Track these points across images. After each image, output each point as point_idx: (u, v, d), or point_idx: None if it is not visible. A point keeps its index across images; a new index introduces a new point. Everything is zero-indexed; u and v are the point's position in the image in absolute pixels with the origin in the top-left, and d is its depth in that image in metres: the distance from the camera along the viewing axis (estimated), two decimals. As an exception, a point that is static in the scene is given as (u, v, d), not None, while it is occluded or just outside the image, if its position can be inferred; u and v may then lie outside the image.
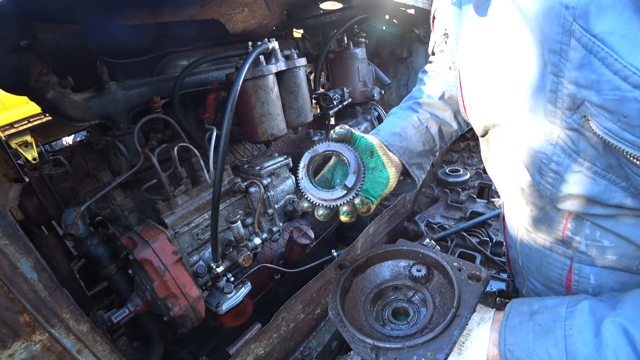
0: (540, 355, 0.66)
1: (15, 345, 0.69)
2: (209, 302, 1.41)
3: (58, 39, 1.26)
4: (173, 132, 1.50)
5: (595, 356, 0.60)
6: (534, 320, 0.71)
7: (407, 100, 1.21)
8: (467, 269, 0.88)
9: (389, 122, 1.10)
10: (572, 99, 0.57)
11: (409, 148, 1.03)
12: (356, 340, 0.77)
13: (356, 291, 0.98)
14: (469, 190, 2.74)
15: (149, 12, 1.45)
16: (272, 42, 1.43)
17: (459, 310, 0.77)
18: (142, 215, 1.47)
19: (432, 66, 1.25)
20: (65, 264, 1.44)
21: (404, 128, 1.06)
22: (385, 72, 2.69)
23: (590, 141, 0.60)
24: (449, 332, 0.73)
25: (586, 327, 0.63)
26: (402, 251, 1.00)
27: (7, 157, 1.51)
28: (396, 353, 0.72)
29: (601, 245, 0.75)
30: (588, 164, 0.63)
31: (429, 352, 0.70)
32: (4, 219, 0.68)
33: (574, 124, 0.60)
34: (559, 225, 0.80)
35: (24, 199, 1.32)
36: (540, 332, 0.68)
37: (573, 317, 0.66)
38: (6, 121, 3.61)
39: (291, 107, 1.62)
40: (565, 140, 0.63)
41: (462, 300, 0.79)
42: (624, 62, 0.48)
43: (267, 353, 1.35)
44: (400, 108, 1.18)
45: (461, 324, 0.75)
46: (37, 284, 0.71)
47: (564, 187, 0.68)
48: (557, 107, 0.61)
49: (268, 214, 1.61)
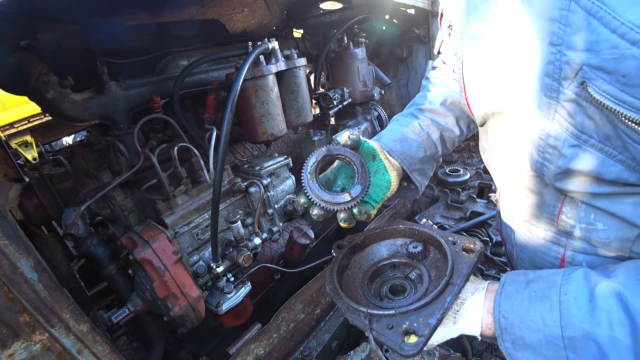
0: (534, 320, 0.67)
1: (15, 345, 0.69)
2: (209, 302, 1.41)
3: (58, 39, 1.26)
4: (173, 132, 1.51)
5: (589, 319, 0.61)
6: (530, 287, 0.72)
7: (409, 107, 1.22)
8: (461, 242, 0.89)
9: (390, 128, 1.12)
10: (570, 65, 0.58)
11: (409, 154, 1.06)
12: (351, 309, 0.79)
13: (354, 269, 0.99)
14: (469, 190, 2.74)
15: (149, 12, 1.45)
16: (272, 42, 1.43)
17: (452, 279, 0.79)
18: (142, 215, 1.47)
19: (435, 72, 1.26)
20: (65, 264, 1.44)
21: (405, 134, 1.08)
22: (385, 72, 2.69)
23: (587, 111, 0.61)
24: (441, 299, 0.75)
25: (581, 293, 0.64)
26: (398, 230, 1.02)
27: (7, 157, 1.51)
28: (389, 319, 0.74)
29: (595, 228, 0.76)
30: (585, 136, 0.63)
31: (420, 318, 0.72)
32: (4, 219, 0.68)
33: (571, 94, 0.61)
34: (554, 209, 0.82)
35: (24, 199, 1.32)
36: (535, 298, 0.69)
37: (568, 284, 0.67)
38: (6, 121, 3.61)
39: (291, 107, 1.62)
40: (562, 114, 0.64)
41: (455, 270, 0.81)
42: (622, 19, 0.49)
43: (267, 353, 1.35)
44: (402, 115, 1.19)
45: (453, 291, 0.76)
46: (37, 284, 0.71)
47: (561, 162, 0.69)
48: (554, 78, 0.62)
49: (268, 214, 1.61)
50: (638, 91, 0.51)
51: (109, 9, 1.26)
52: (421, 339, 0.69)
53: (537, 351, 0.67)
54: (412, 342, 0.69)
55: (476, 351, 1.64)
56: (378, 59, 2.97)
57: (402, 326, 0.72)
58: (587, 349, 0.61)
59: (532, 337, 0.67)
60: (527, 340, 0.67)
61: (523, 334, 0.68)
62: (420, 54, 2.78)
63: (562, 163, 0.69)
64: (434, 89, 1.19)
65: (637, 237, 0.71)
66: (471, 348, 1.63)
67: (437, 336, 0.76)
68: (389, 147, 1.03)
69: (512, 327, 0.69)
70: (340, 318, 1.62)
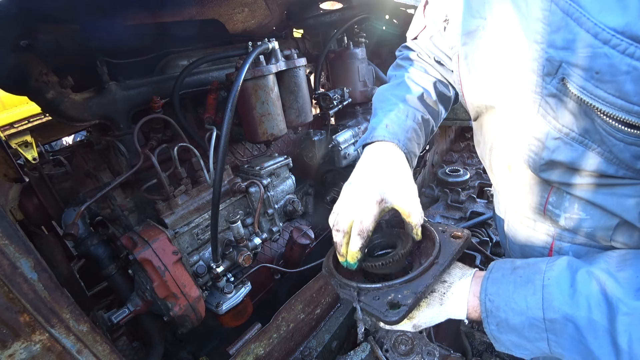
0: (518, 303, 0.70)
1: (15, 345, 0.69)
2: (209, 302, 1.41)
3: (58, 39, 1.26)
4: (173, 132, 1.50)
5: (569, 302, 0.64)
6: (516, 273, 0.75)
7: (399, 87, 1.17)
8: (450, 231, 0.93)
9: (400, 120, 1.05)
10: (551, 62, 0.62)
11: (415, 152, 1.06)
12: (342, 285, 0.85)
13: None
14: (469, 190, 2.74)
15: (149, 12, 1.45)
16: (272, 42, 1.43)
17: (437, 259, 0.84)
18: (142, 215, 1.47)
19: (413, 55, 1.27)
20: (65, 264, 1.44)
21: (414, 131, 1.06)
22: (385, 72, 2.68)
23: (567, 105, 0.64)
24: (425, 275, 0.80)
25: (563, 278, 0.67)
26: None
27: (7, 157, 1.51)
28: (376, 292, 0.80)
29: (579, 217, 0.80)
30: (566, 129, 0.67)
31: (405, 291, 0.78)
32: (4, 219, 0.68)
33: (553, 89, 0.64)
34: (542, 199, 0.85)
35: (24, 199, 1.32)
36: (520, 283, 0.72)
37: (552, 270, 0.70)
38: (6, 121, 3.61)
39: (291, 107, 1.62)
40: (545, 108, 0.68)
41: (442, 253, 0.85)
42: (595, 20, 0.53)
43: (267, 353, 1.35)
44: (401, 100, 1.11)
45: (438, 270, 0.80)
46: (37, 284, 0.71)
47: (545, 153, 0.73)
48: (538, 74, 0.65)
49: (268, 214, 1.61)
50: (610, 87, 0.55)
51: (109, 9, 1.26)
52: (404, 307, 0.74)
53: (519, 333, 0.70)
54: (395, 310, 0.74)
55: (476, 351, 1.64)
56: (378, 59, 2.97)
57: (388, 298, 0.78)
58: (566, 330, 0.64)
59: (516, 319, 0.70)
60: (511, 323, 0.70)
61: (507, 316, 0.71)
62: (420, 54, 2.77)
63: (545, 155, 0.73)
64: (421, 73, 1.20)
65: (617, 226, 0.75)
66: (471, 348, 1.63)
67: (423, 317, 0.80)
68: (406, 149, 1.00)
69: (497, 309, 0.72)
70: (340, 318, 1.62)
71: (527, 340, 0.70)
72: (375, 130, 1.01)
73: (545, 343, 0.68)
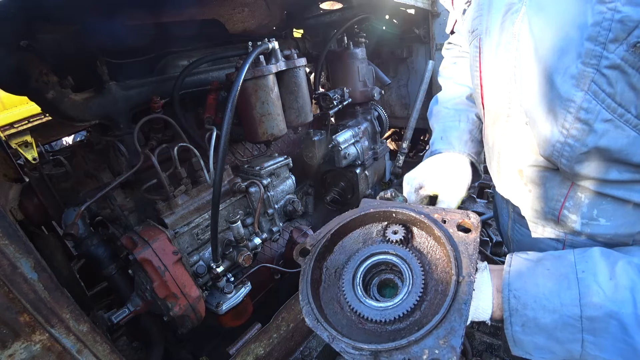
0: (551, 300, 0.61)
1: (15, 345, 0.69)
2: (209, 302, 1.41)
3: (58, 39, 1.26)
4: (173, 132, 1.50)
5: (611, 298, 0.57)
6: (542, 265, 0.66)
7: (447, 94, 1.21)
8: (452, 218, 0.74)
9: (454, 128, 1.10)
10: (624, 24, 0.53)
11: (478, 150, 1.07)
12: (350, 349, 0.62)
13: (329, 279, 0.80)
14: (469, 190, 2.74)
15: (149, 12, 1.45)
16: (272, 42, 1.43)
17: (461, 275, 0.64)
18: (142, 215, 1.47)
19: (453, 53, 1.27)
20: (65, 264, 1.44)
21: (471, 132, 1.09)
22: (385, 72, 2.69)
23: (632, 80, 0.56)
24: (457, 307, 0.61)
25: (600, 270, 0.60)
26: (370, 215, 0.84)
27: (7, 157, 1.51)
28: (402, 353, 0.59)
29: (597, 224, 0.74)
30: (621, 110, 0.58)
31: (440, 341, 0.58)
32: (4, 219, 0.68)
33: (616, 59, 0.56)
34: (556, 204, 0.79)
35: (24, 199, 1.32)
36: (550, 276, 0.63)
37: (584, 261, 0.62)
38: (6, 121, 3.61)
39: (291, 107, 1.62)
40: (600, 83, 0.59)
41: (459, 261, 0.67)
42: None
43: (267, 353, 1.35)
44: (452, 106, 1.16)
45: (468, 291, 0.62)
46: (37, 284, 0.71)
47: (590, 138, 0.63)
48: (598, 42, 0.56)
49: (268, 214, 1.61)
50: None
51: (109, 9, 1.26)
52: None
53: (549, 334, 0.61)
54: None
55: (476, 351, 1.64)
56: (378, 59, 2.97)
57: (422, 358, 0.58)
58: (609, 329, 0.57)
59: (547, 318, 0.61)
60: (541, 322, 0.62)
61: (537, 314, 0.62)
62: (420, 54, 2.78)
63: (591, 140, 0.63)
64: (463, 72, 1.20)
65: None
66: (471, 348, 1.63)
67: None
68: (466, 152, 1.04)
69: (525, 307, 0.63)
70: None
71: (557, 342, 0.61)
72: (432, 145, 1.10)
73: (578, 345, 0.60)
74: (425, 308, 0.68)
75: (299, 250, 0.83)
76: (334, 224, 0.85)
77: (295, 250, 0.83)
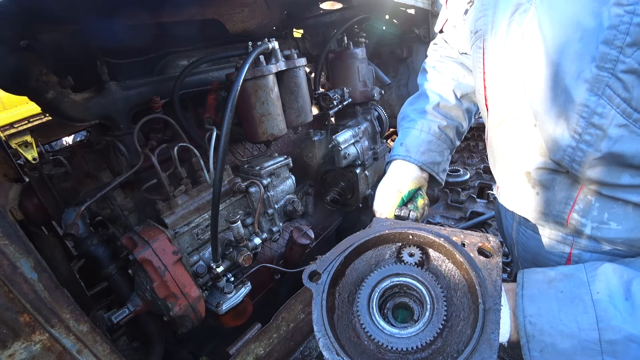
0: (567, 325, 0.60)
1: (15, 345, 0.69)
2: (209, 302, 1.41)
3: (58, 39, 1.26)
4: (173, 132, 1.50)
5: (630, 320, 0.56)
6: (555, 287, 0.64)
7: (418, 100, 1.25)
8: (471, 242, 0.73)
9: (413, 136, 1.16)
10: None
11: (436, 161, 1.14)
12: None
13: (342, 305, 0.77)
14: (469, 190, 2.74)
15: (149, 12, 1.45)
16: (272, 42, 1.43)
17: (486, 304, 0.63)
18: (142, 215, 1.47)
19: (437, 55, 1.27)
20: (65, 264, 1.44)
21: (428, 142, 1.14)
22: (385, 72, 2.69)
23: None
24: (486, 337, 0.60)
25: (615, 290, 0.59)
26: (385, 236, 0.81)
27: (7, 157, 1.51)
28: None
29: (608, 228, 0.72)
30: (637, 115, 0.58)
31: None
32: (4, 219, 0.68)
33: (634, 63, 0.55)
34: (565, 207, 0.78)
35: (24, 199, 1.32)
36: (564, 299, 0.62)
37: (598, 281, 0.61)
38: (6, 121, 3.61)
39: (291, 107, 1.62)
40: (615, 88, 0.58)
41: (484, 288, 0.64)
42: None
43: (267, 353, 1.35)
44: (418, 114, 1.21)
45: (495, 320, 0.61)
46: (37, 284, 0.71)
47: (604, 144, 0.62)
48: (614, 46, 0.55)
49: (268, 214, 1.61)
50: None
51: (109, 8, 1.26)
52: None
53: (569, 357, 0.61)
54: None
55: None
56: (378, 59, 2.97)
57: None
58: (629, 351, 0.56)
59: (565, 343, 0.60)
60: (559, 348, 0.61)
61: (554, 340, 0.61)
62: (421, 54, 2.78)
63: (605, 145, 0.62)
64: (442, 78, 1.21)
65: None
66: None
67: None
68: (421, 162, 1.11)
69: (541, 333, 0.62)
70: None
71: None
72: (394, 149, 1.18)
73: None
74: (446, 335, 0.66)
75: (309, 274, 0.79)
76: (346, 245, 0.82)
77: (304, 274, 0.79)
